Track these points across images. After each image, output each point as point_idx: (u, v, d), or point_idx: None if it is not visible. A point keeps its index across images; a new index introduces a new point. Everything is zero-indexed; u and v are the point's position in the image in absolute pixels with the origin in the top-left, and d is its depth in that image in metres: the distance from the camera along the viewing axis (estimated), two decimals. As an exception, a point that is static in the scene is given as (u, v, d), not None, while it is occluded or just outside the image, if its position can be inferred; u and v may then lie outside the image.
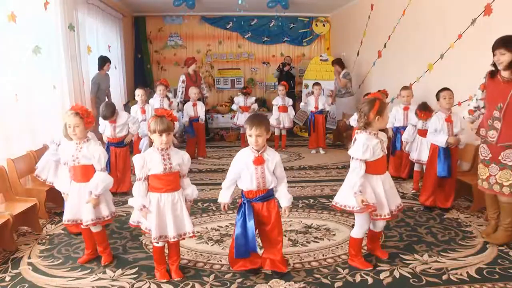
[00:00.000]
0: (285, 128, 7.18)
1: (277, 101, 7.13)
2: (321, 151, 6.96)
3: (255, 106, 7.37)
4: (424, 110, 4.47)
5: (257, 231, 2.74)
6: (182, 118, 6.62)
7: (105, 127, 4.61)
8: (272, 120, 7.05)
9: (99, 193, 2.83)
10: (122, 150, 4.63)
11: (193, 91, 6.44)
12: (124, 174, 4.68)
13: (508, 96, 3.02)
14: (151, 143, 2.75)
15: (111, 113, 4.47)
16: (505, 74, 3.08)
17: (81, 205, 2.87)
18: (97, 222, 2.90)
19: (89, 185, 2.83)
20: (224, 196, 2.82)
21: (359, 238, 2.92)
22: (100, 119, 4.68)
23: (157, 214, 2.63)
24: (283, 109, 7.05)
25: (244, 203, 2.71)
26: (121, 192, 4.62)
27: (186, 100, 7.14)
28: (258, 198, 2.70)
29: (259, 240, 2.89)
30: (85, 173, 2.87)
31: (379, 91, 5.18)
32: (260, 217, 2.73)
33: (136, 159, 2.62)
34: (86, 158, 2.85)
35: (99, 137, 5.13)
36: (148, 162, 2.61)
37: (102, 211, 2.91)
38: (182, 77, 7.28)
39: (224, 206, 2.84)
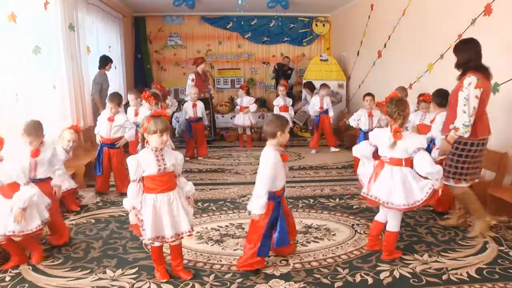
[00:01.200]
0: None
1: (278, 102, 7.15)
2: (333, 149, 7.00)
3: (253, 107, 7.37)
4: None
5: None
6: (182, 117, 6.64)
7: (100, 127, 4.59)
8: None
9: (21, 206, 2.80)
10: (115, 151, 4.60)
11: (192, 91, 6.43)
12: (121, 175, 4.66)
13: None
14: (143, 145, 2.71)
15: (118, 99, 4.51)
16: None
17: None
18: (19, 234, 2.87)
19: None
20: (263, 205, 2.71)
21: (398, 230, 3.06)
22: (99, 118, 4.68)
23: (153, 215, 2.62)
24: (285, 109, 7.08)
25: (278, 202, 2.81)
26: (122, 193, 4.64)
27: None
28: (283, 193, 2.86)
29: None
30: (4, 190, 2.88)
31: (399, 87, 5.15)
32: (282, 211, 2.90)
33: (130, 161, 2.58)
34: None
35: (93, 138, 5.13)
36: (142, 163, 2.59)
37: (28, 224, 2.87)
38: (192, 76, 7.33)
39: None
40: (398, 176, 2.85)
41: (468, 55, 3.29)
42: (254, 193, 2.75)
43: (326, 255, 3.14)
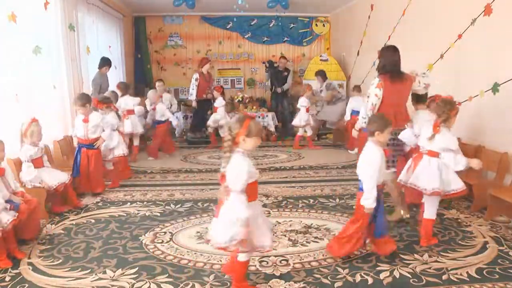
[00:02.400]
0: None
1: (305, 102, 7.20)
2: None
3: (221, 110, 7.34)
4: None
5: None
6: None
7: (77, 129, 4.57)
8: (299, 121, 7.18)
9: None
10: (93, 152, 4.56)
11: (151, 95, 6.55)
12: (97, 175, 4.63)
13: None
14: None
15: (81, 100, 4.47)
16: None
17: None
18: None
19: None
20: (375, 198, 2.81)
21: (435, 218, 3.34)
22: (75, 121, 4.67)
23: (260, 223, 2.48)
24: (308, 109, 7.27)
25: (379, 195, 2.87)
26: (95, 192, 4.63)
27: (199, 98, 7.35)
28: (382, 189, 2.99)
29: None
30: None
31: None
32: None
33: (243, 169, 2.33)
34: None
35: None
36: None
37: None
38: (196, 76, 7.37)
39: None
40: (435, 165, 3.19)
41: (386, 61, 3.83)
42: (366, 188, 2.82)
43: (326, 255, 3.13)
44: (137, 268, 2.95)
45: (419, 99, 4.09)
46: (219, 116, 7.36)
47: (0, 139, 3.27)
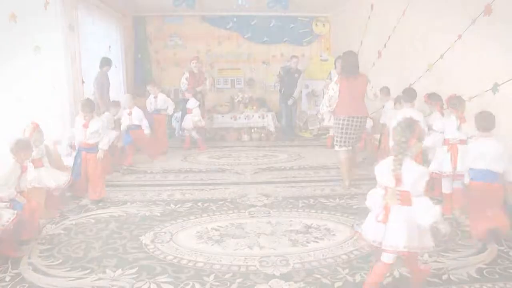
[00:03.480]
0: None
1: None
2: None
3: (196, 110, 7.21)
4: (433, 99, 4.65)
5: None
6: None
7: (76, 134, 4.55)
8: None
9: None
10: (92, 156, 4.49)
11: (127, 100, 6.31)
12: (96, 179, 4.50)
13: None
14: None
15: (88, 106, 4.46)
16: None
17: None
18: None
19: None
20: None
21: None
22: (75, 126, 4.62)
23: None
24: None
25: None
26: (95, 200, 4.49)
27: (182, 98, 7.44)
28: None
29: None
30: None
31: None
32: None
33: (424, 170, 2.46)
34: None
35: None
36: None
37: None
38: (186, 75, 7.35)
39: None
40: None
41: (344, 64, 4.86)
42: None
43: (326, 255, 3.13)
44: (137, 268, 2.95)
45: (406, 99, 4.72)
46: (197, 117, 7.18)
47: (25, 138, 3.29)
